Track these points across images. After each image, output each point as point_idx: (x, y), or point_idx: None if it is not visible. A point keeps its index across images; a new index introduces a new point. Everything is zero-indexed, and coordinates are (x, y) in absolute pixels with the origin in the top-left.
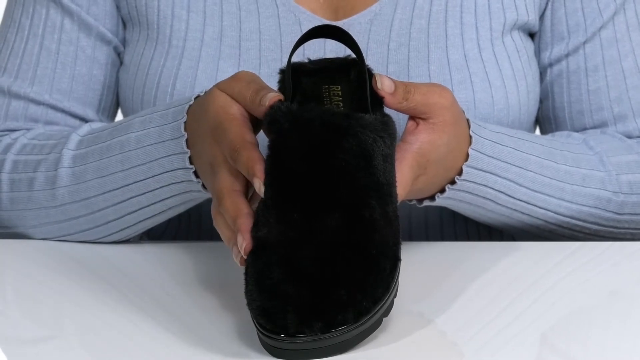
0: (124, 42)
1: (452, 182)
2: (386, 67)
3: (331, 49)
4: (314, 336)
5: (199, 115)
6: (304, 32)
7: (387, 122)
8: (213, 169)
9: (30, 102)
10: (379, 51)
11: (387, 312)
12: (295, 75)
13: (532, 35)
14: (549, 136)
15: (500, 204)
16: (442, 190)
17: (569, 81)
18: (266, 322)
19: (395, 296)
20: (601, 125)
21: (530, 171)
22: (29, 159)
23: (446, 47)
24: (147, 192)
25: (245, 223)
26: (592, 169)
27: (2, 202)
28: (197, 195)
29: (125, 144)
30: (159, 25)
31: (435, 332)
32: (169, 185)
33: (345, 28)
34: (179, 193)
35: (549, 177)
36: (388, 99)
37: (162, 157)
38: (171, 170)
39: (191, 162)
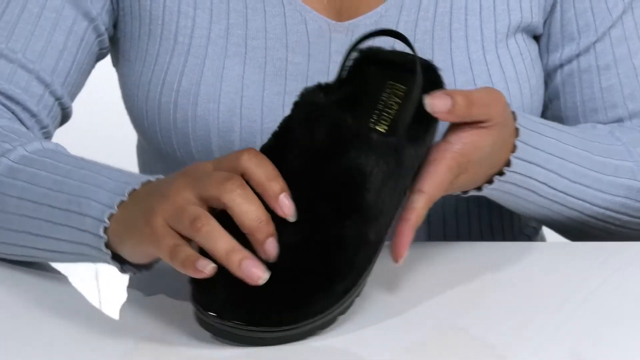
0: (112, 34)
1: (500, 173)
2: None
3: (336, 49)
4: (238, 324)
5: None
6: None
7: (400, 148)
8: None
9: (2, 57)
10: None
11: (325, 325)
12: (367, 61)
13: (536, 37)
14: (576, 128)
15: (541, 196)
16: (490, 181)
17: (581, 80)
18: (199, 295)
19: (342, 313)
20: (616, 122)
21: (571, 162)
22: None
23: (450, 49)
24: (52, 223)
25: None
26: (622, 160)
27: None
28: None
29: (72, 172)
30: (163, 21)
31: (436, 333)
32: (73, 228)
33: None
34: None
35: (587, 168)
36: (444, 117)
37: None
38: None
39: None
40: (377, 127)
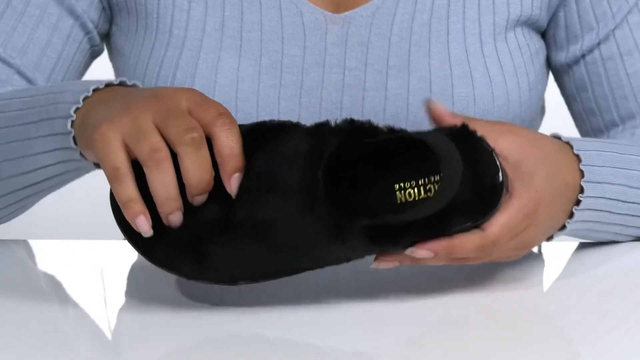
0: (106, 30)
1: (577, 203)
2: (387, 61)
3: (333, 41)
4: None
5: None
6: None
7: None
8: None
9: None
10: (380, 45)
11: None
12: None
13: (543, 34)
14: (625, 138)
15: (615, 213)
16: (571, 215)
17: (606, 68)
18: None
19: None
20: None
21: (635, 170)
22: None
23: (447, 41)
24: (25, 140)
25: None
26: None
27: None
28: (72, 158)
29: (41, 89)
30: (158, 15)
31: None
32: (45, 136)
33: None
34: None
35: None
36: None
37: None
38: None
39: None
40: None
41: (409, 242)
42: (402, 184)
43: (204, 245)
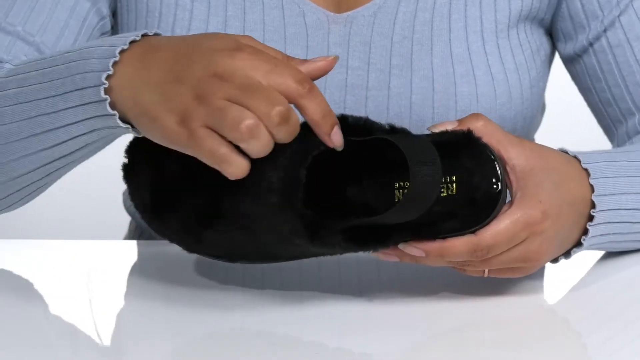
0: (113, 24)
1: (590, 219)
2: (389, 60)
3: (335, 41)
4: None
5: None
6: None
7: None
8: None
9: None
10: (382, 44)
11: None
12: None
13: (549, 28)
14: (635, 144)
15: (635, 222)
16: (585, 232)
17: (615, 55)
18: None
19: None
20: None
21: None
22: None
23: (449, 40)
24: (52, 113)
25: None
26: None
27: None
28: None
29: (58, 59)
30: (161, 13)
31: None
32: (74, 107)
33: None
34: (84, 119)
35: None
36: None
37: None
38: (81, 89)
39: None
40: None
41: (398, 243)
42: (398, 183)
43: (202, 230)
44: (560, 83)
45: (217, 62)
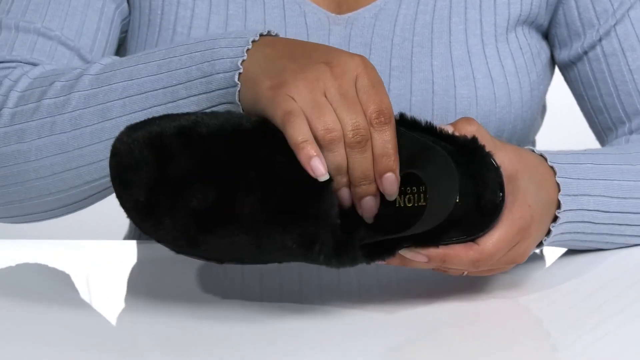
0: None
1: (554, 219)
2: (389, 62)
3: (336, 42)
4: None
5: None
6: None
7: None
8: None
9: (39, 35)
10: (382, 45)
11: None
12: None
13: (546, 33)
14: (609, 146)
15: (597, 223)
16: (547, 232)
17: (608, 64)
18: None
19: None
20: None
21: (614, 180)
22: (35, 91)
23: (449, 42)
24: (170, 103)
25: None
26: None
27: (2, 118)
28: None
29: (172, 51)
30: (163, 11)
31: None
32: (198, 95)
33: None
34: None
35: (633, 180)
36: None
37: (206, 62)
38: (209, 75)
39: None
40: None
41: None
42: (403, 188)
43: (200, 234)
44: (560, 84)
45: (335, 55)
